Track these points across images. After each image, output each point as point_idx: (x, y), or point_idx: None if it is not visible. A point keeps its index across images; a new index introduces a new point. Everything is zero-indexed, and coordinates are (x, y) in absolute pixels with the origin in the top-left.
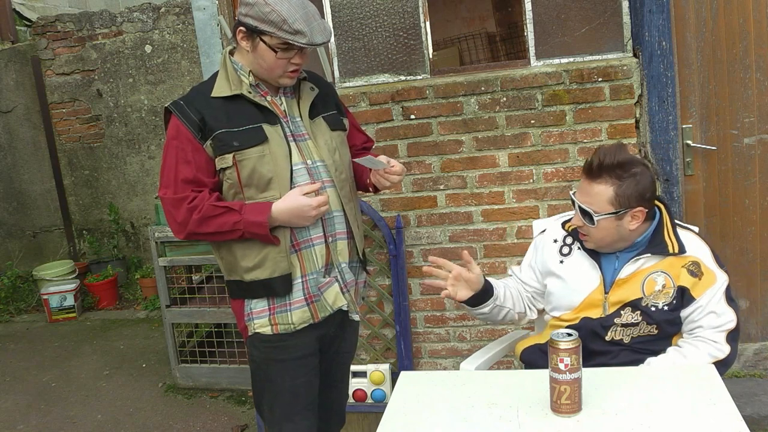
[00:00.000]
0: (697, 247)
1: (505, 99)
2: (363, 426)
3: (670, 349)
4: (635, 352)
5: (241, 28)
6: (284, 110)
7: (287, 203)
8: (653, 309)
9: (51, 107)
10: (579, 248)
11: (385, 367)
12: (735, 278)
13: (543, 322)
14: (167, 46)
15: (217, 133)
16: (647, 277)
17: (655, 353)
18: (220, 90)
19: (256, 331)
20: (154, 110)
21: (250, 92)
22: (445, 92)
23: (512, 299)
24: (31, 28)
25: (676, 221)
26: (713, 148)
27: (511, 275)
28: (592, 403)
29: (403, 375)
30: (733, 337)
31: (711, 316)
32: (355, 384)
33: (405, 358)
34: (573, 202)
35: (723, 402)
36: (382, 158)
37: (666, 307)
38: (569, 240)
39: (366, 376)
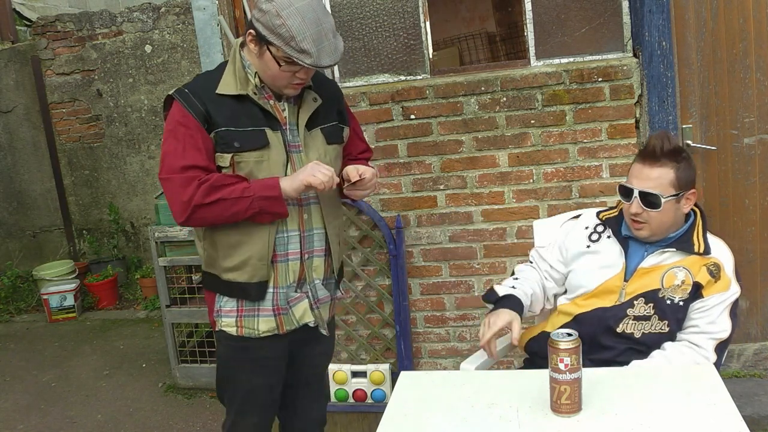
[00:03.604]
0: (722, 253)
1: (505, 99)
2: (363, 426)
3: (655, 353)
4: (641, 353)
5: (251, 31)
6: (286, 117)
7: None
8: (668, 302)
9: (51, 107)
10: (609, 236)
11: (385, 367)
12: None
13: (549, 310)
14: (167, 46)
15: (220, 130)
16: (668, 271)
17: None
18: (226, 87)
19: (222, 328)
20: (154, 110)
21: (255, 93)
22: (445, 92)
23: (534, 304)
24: (31, 28)
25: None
26: (713, 148)
27: (531, 262)
28: (592, 403)
29: (403, 375)
30: (721, 347)
31: (707, 320)
32: (355, 384)
33: (405, 358)
34: (628, 191)
35: (723, 402)
36: (350, 169)
37: (681, 303)
38: (601, 228)
39: (366, 376)
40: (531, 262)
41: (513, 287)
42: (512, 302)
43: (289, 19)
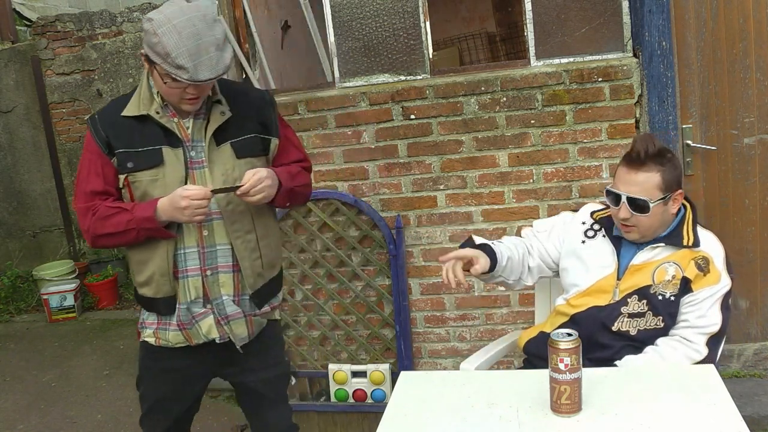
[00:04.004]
0: (712, 246)
1: (505, 99)
2: (363, 426)
3: (648, 349)
4: (638, 349)
5: (142, 51)
6: (190, 134)
7: (169, 195)
8: (660, 298)
9: (51, 107)
10: (604, 235)
11: (385, 367)
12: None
13: (548, 310)
14: None
15: (118, 152)
16: (659, 266)
17: None
18: (131, 109)
19: (145, 338)
20: None
21: (158, 113)
22: (445, 92)
23: (510, 269)
24: (31, 28)
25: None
26: (713, 148)
27: (524, 237)
28: (592, 403)
29: (403, 375)
30: (714, 341)
31: (697, 314)
32: (355, 384)
33: (405, 358)
34: (615, 196)
35: (723, 402)
36: (248, 174)
37: (672, 298)
38: (597, 227)
39: (366, 376)
40: (522, 238)
41: (493, 243)
42: (486, 251)
43: (165, 36)
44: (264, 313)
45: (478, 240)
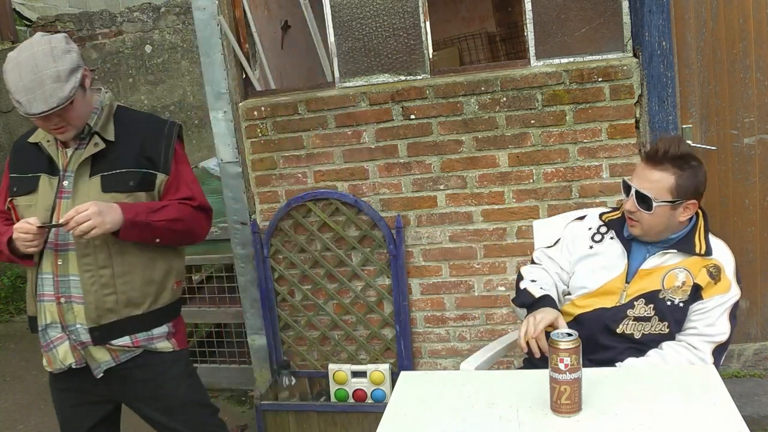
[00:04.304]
0: (723, 255)
1: (505, 99)
2: (363, 426)
3: (651, 352)
4: (640, 352)
5: None
6: (68, 163)
7: None
8: (668, 303)
9: None
10: (612, 237)
11: (385, 367)
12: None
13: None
14: (167, 46)
15: (10, 176)
16: (669, 272)
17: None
18: (33, 136)
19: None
20: (154, 110)
21: (48, 141)
22: (445, 92)
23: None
24: (31, 28)
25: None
26: (713, 148)
27: (537, 263)
28: (592, 403)
29: (403, 375)
30: (719, 350)
31: (706, 322)
32: (355, 384)
33: (405, 358)
34: (628, 187)
35: (723, 402)
36: (71, 212)
37: (681, 304)
38: (604, 230)
39: (366, 376)
40: (537, 264)
41: (542, 288)
42: (550, 302)
43: (8, 74)
44: (124, 346)
45: (536, 291)
